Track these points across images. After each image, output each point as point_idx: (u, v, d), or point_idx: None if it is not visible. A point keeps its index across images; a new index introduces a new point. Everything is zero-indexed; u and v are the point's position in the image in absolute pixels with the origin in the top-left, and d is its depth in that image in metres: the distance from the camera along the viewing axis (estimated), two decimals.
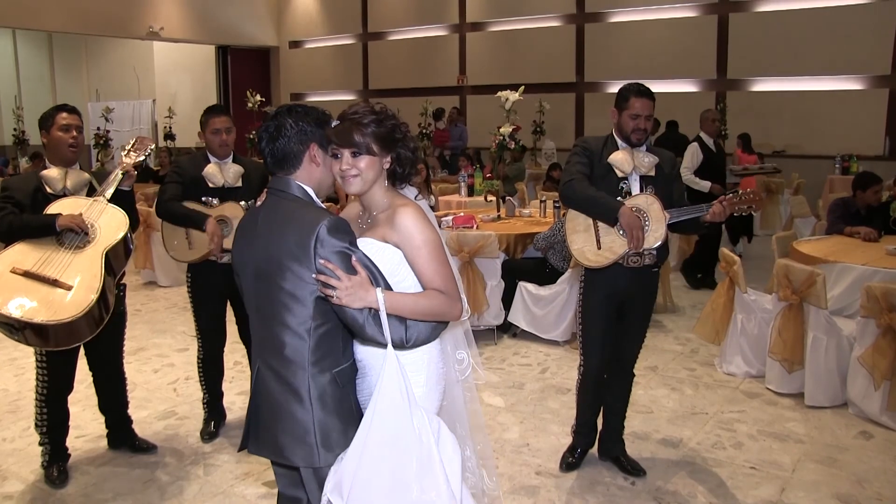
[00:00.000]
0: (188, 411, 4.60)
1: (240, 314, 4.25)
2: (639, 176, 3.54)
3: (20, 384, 5.07)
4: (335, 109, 2.29)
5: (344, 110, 2.25)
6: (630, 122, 3.51)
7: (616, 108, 3.56)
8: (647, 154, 3.56)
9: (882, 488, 3.61)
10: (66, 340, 3.25)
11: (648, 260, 3.51)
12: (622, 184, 3.53)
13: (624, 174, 3.52)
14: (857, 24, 11.41)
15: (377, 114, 2.21)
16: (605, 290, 3.57)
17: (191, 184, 4.00)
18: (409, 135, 2.30)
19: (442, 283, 2.13)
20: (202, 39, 17.05)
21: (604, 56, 13.89)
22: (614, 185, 3.51)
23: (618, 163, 3.52)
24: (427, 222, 2.18)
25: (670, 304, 6.83)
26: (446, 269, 2.16)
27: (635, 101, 3.49)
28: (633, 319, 3.67)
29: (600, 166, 3.54)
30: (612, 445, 3.88)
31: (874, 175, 6.01)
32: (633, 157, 3.54)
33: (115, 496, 3.61)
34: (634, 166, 3.52)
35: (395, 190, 2.30)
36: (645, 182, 3.55)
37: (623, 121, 3.54)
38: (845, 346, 4.55)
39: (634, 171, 3.53)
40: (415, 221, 2.15)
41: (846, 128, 11.53)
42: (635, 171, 3.53)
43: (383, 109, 2.25)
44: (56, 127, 3.58)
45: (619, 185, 3.52)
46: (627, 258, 3.46)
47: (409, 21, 16.43)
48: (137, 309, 7.06)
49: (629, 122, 3.51)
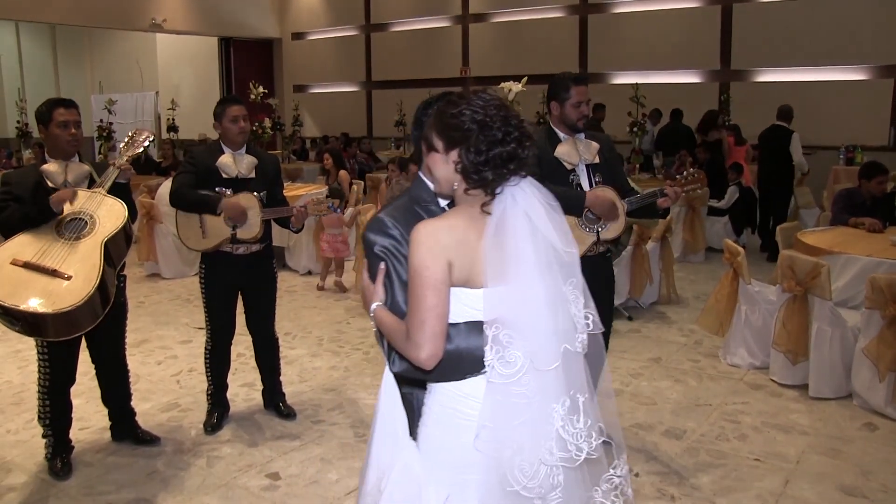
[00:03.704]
0: (191, 403, 4.60)
1: (251, 305, 4.26)
2: (585, 165, 3.62)
3: (24, 376, 5.08)
4: (337, 101, 2.25)
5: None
6: (574, 112, 3.55)
7: (556, 101, 3.58)
8: (588, 141, 3.65)
9: (886, 480, 3.60)
10: (65, 331, 3.25)
11: (603, 247, 3.66)
12: (571, 176, 3.59)
13: (572, 165, 3.59)
14: (862, 14, 11.34)
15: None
16: None
17: (204, 174, 4.02)
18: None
19: (409, 318, 1.84)
20: (205, 31, 17.02)
21: (607, 47, 13.83)
22: (565, 179, 3.56)
23: (565, 155, 3.59)
24: (422, 245, 1.82)
25: (674, 296, 6.81)
26: (421, 304, 1.81)
27: (578, 90, 3.53)
28: (598, 304, 3.69)
29: (547, 162, 3.54)
30: None
31: (880, 165, 5.98)
32: (577, 146, 3.60)
33: (118, 488, 3.61)
34: (580, 156, 3.59)
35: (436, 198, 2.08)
36: (592, 171, 3.63)
37: (567, 111, 3.57)
38: (850, 338, 4.53)
39: (581, 161, 3.60)
40: (413, 241, 1.84)
41: (851, 118, 11.47)
42: (581, 161, 3.61)
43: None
44: (54, 123, 3.57)
45: (569, 178, 3.57)
46: (586, 250, 3.55)
47: (412, 12, 16.37)
48: (141, 301, 7.06)
49: (573, 111, 3.55)
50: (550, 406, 1.78)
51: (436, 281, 1.80)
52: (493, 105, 1.83)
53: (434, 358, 1.82)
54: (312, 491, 3.57)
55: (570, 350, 1.81)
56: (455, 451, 1.90)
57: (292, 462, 3.85)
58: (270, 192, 4.17)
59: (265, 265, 4.21)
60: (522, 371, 1.76)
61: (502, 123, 1.82)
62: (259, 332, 4.33)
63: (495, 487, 1.82)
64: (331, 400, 4.63)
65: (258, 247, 4.12)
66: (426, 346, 1.81)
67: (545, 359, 1.78)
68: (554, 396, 1.79)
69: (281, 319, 4.69)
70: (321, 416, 4.41)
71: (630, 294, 6.37)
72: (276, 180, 4.28)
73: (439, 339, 1.82)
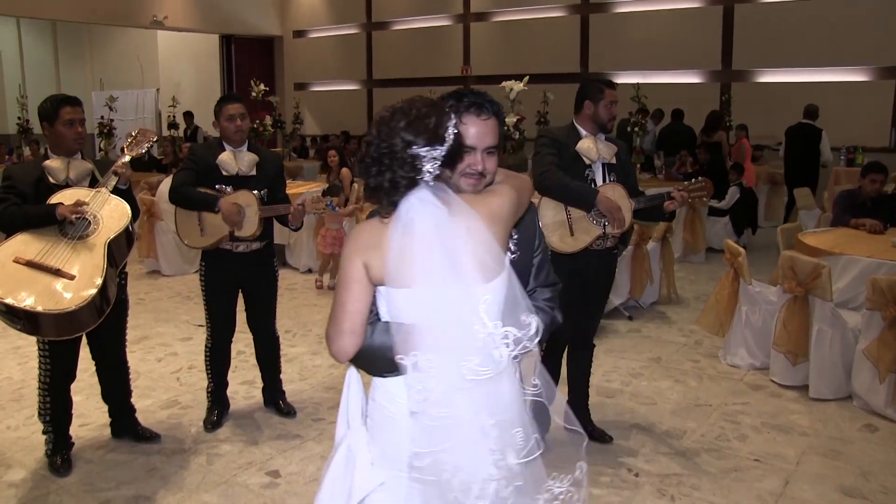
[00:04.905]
0: (191, 400, 4.60)
1: (251, 302, 4.26)
2: (601, 164, 3.76)
3: (24, 372, 5.08)
4: (338, 99, 2.24)
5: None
6: (605, 112, 3.74)
7: (590, 101, 3.76)
8: (607, 142, 3.81)
9: (886, 481, 3.60)
10: (67, 330, 3.25)
11: (611, 243, 3.81)
12: (587, 171, 3.75)
13: (591, 161, 3.74)
14: (863, 15, 11.34)
15: None
16: (571, 271, 3.67)
17: (205, 171, 4.03)
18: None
19: (330, 313, 1.88)
20: (206, 29, 17.00)
21: (609, 47, 13.83)
22: (581, 173, 3.73)
23: (585, 151, 3.73)
24: (348, 243, 1.89)
25: (674, 296, 6.81)
26: (336, 299, 1.86)
27: (610, 92, 3.74)
28: (594, 297, 3.93)
29: (567, 156, 3.72)
30: (577, 415, 3.98)
31: (879, 164, 5.96)
32: (597, 144, 3.76)
33: (118, 485, 3.61)
34: (599, 154, 3.74)
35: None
36: (607, 169, 3.78)
37: (600, 111, 3.74)
38: (850, 339, 4.53)
39: (599, 159, 3.76)
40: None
41: (852, 119, 11.46)
42: (599, 159, 3.76)
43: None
44: (60, 121, 3.55)
45: (585, 173, 3.74)
46: (593, 242, 3.72)
47: (414, 11, 16.37)
48: (141, 298, 7.06)
49: (605, 111, 3.74)
50: (481, 423, 1.75)
51: (349, 278, 1.83)
52: (384, 132, 1.77)
53: (341, 352, 1.85)
54: (312, 489, 3.56)
55: (486, 365, 1.75)
56: (386, 446, 1.92)
57: (292, 460, 3.85)
58: (272, 191, 4.16)
59: (266, 263, 4.21)
60: (435, 391, 1.73)
61: (382, 156, 1.76)
62: (259, 329, 4.33)
63: (437, 500, 1.81)
64: (331, 398, 4.63)
65: (258, 245, 4.11)
66: (335, 341, 1.85)
67: (457, 376, 1.73)
68: (483, 412, 1.75)
69: (281, 317, 4.69)
70: (321, 415, 4.41)
71: (630, 294, 6.37)
72: (278, 178, 4.28)
73: (347, 336, 1.83)
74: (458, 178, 1.93)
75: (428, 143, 1.76)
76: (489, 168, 1.97)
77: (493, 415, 1.76)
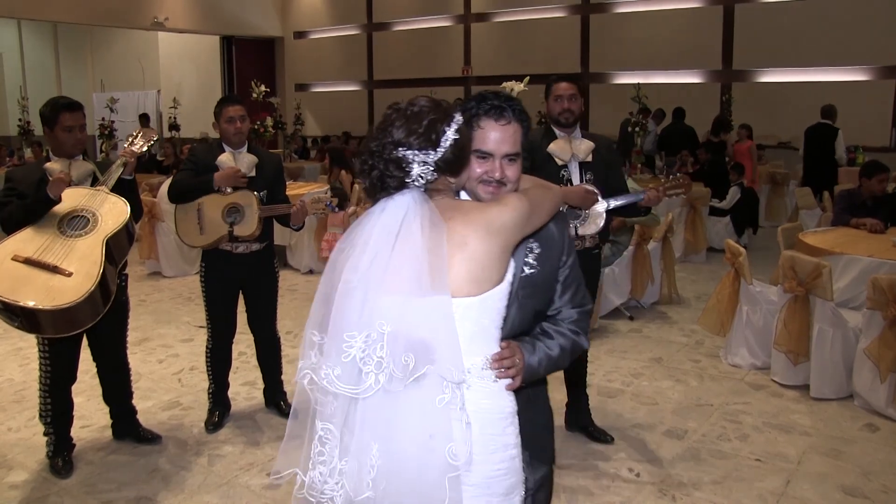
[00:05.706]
0: (192, 401, 4.60)
1: (252, 304, 4.26)
2: (577, 163, 3.73)
3: (25, 374, 5.08)
4: (339, 100, 2.25)
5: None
6: (555, 105, 3.72)
7: (545, 98, 3.77)
8: (582, 140, 3.75)
9: (888, 480, 3.60)
10: (65, 328, 3.25)
11: (589, 243, 3.74)
12: (562, 171, 3.70)
13: (563, 162, 3.70)
14: (864, 15, 11.35)
15: None
16: None
17: (205, 172, 4.04)
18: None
19: None
20: (207, 30, 17.03)
21: (609, 47, 13.84)
22: (555, 174, 3.67)
23: (556, 151, 3.71)
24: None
25: (675, 296, 6.81)
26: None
27: (558, 86, 3.71)
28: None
29: (540, 157, 3.69)
30: (578, 416, 4.08)
31: (881, 164, 5.97)
32: (571, 144, 3.72)
33: (119, 486, 3.61)
34: (573, 153, 3.71)
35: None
36: (584, 168, 3.73)
37: (549, 106, 3.75)
38: (851, 338, 4.53)
39: (573, 159, 3.72)
40: None
41: (852, 119, 11.44)
42: (574, 159, 3.72)
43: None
44: (59, 127, 3.57)
45: (559, 174, 3.68)
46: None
47: (414, 11, 16.39)
48: (142, 299, 7.07)
49: (554, 105, 3.73)
50: (367, 443, 1.70)
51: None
52: (380, 129, 1.76)
53: None
54: None
55: (347, 382, 1.67)
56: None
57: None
58: (272, 192, 4.17)
59: (266, 264, 4.22)
60: (330, 394, 1.69)
61: (372, 153, 1.75)
62: (260, 330, 4.34)
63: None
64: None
65: (258, 246, 4.12)
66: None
67: (328, 381, 1.67)
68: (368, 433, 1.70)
69: (282, 318, 4.68)
70: None
71: (631, 294, 6.37)
72: (278, 179, 4.29)
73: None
74: (475, 184, 1.85)
75: (418, 147, 1.71)
76: (510, 176, 1.85)
77: (377, 439, 1.69)
